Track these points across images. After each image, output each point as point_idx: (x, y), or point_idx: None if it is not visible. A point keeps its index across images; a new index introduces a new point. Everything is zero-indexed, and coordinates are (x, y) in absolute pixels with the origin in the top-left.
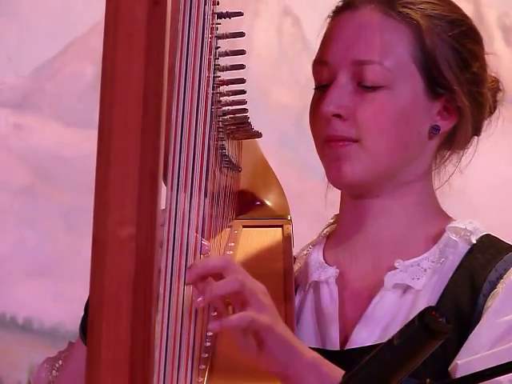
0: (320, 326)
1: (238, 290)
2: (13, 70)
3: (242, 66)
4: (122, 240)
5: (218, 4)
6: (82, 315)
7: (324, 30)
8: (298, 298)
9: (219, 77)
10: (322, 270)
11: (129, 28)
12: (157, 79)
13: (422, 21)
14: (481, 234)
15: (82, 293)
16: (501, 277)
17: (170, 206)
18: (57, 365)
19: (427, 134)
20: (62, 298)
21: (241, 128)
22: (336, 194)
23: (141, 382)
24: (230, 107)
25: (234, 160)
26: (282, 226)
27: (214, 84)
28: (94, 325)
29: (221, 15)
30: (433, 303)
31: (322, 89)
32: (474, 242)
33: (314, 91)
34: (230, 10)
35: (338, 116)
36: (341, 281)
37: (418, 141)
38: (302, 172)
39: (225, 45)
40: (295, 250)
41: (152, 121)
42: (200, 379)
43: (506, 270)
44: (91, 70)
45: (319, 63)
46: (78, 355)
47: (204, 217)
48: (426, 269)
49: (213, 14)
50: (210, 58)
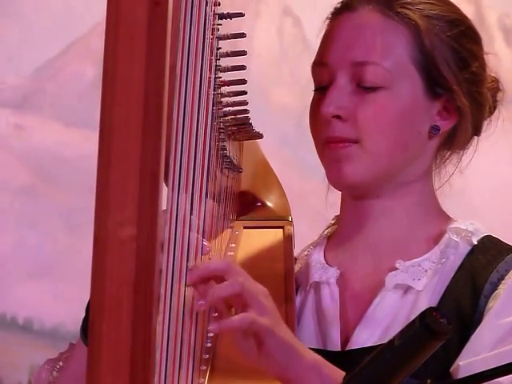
0: (321, 327)
1: (239, 292)
2: (14, 70)
3: (243, 67)
4: (123, 240)
5: (219, 5)
6: (84, 316)
7: (323, 32)
8: (298, 299)
9: (220, 77)
10: (322, 271)
11: (130, 29)
12: (158, 80)
13: (420, 21)
14: (482, 235)
15: (83, 293)
16: (502, 278)
17: (171, 206)
18: (57, 366)
19: (427, 134)
20: (62, 299)
21: (242, 129)
22: (337, 195)
23: (141, 383)
24: (231, 108)
25: (234, 161)
26: (282, 226)
27: (215, 85)
28: (95, 325)
29: (222, 16)
30: (434, 304)
31: (322, 90)
32: (475, 242)
33: (313, 93)
34: (231, 11)
35: (338, 117)
36: (342, 281)
37: (417, 141)
38: (303, 173)
39: (226, 45)
40: (296, 251)
41: (153, 121)
42: (201, 380)
43: (508, 271)
44: (92, 71)
45: (318, 65)
46: (79, 356)
47: (205, 218)
48: (426, 269)
49: (214, 14)
50: (211, 59)
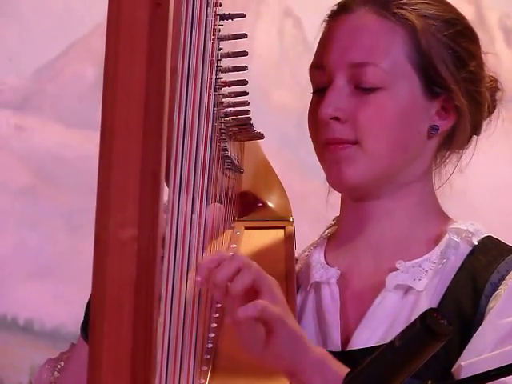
0: (321, 327)
1: (255, 278)
2: (14, 71)
3: (244, 68)
4: (124, 241)
5: (221, 6)
6: (84, 313)
7: (320, 34)
8: (299, 299)
9: (221, 78)
10: (323, 271)
11: (131, 30)
12: (159, 81)
13: (416, 21)
14: (482, 236)
15: (83, 294)
16: (503, 278)
17: (172, 207)
18: (58, 366)
19: (426, 134)
20: (63, 300)
21: (243, 129)
22: (337, 196)
23: None
24: (232, 109)
25: (236, 161)
26: (284, 227)
27: (216, 85)
28: (96, 326)
29: (223, 17)
30: (434, 304)
31: (320, 92)
32: (476, 243)
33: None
34: (232, 12)
35: (337, 119)
36: (342, 282)
37: (417, 141)
38: (303, 173)
39: (226, 46)
40: (297, 251)
41: (154, 122)
42: (202, 381)
43: (508, 272)
44: (92, 72)
45: (316, 67)
46: (80, 355)
47: (206, 218)
48: (427, 270)
49: (215, 15)
50: (212, 60)
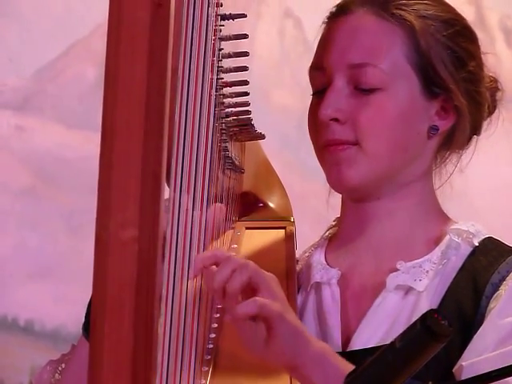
0: (322, 328)
1: (251, 277)
2: (14, 72)
3: (245, 68)
4: (125, 242)
5: (221, 6)
6: (86, 311)
7: (319, 36)
8: (299, 299)
9: (222, 78)
10: (324, 272)
11: (132, 30)
12: (160, 81)
13: (415, 22)
14: (483, 237)
15: (84, 295)
16: (503, 279)
17: (173, 207)
18: (60, 368)
19: (426, 134)
20: (63, 300)
21: (244, 130)
22: (338, 197)
23: None
24: (233, 109)
25: (236, 162)
26: (284, 227)
27: (216, 86)
28: (97, 326)
29: (224, 17)
30: (435, 305)
31: (320, 94)
32: (477, 244)
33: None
34: (233, 12)
35: (336, 120)
36: (343, 282)
37: (417, 141)
38: (304, 174)
39: (227, 47)
40: (297, 252)
41: (155, 122)
42: (202, 381)
43: (509, 272)
44: (93, 72)
45: (315, 69)
46: (81, 354)
47: (207, 218)
48: (427, 270)
49: (216, 15)
50: (212, 60)
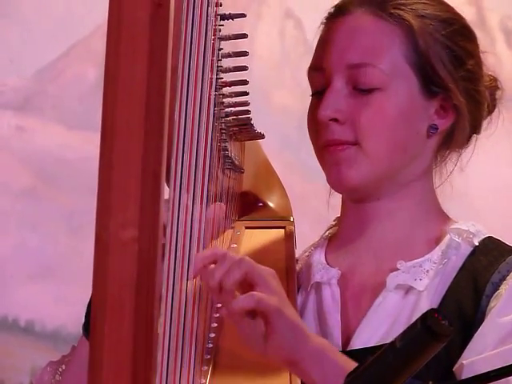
0: (322, 327)
1: (247, 272)
2: (15, 72)
3: (244, 68)
4: (125, 242)
5: (221, 6)
6: (86, 311)
7: (318, 37)
8: (299, 299)
9: (222, 78)
10: (324, 271)
11: (131, 30)
12: (160, 81)
13: (413, 21)
14: (483, 236)
15: (84, 295)
16: (504, 278)
17: (173, 207)
18: (60, 369)
19: (425, 133)
20: (63, 301)
21: (243, 129)
22: (338, 197)
23: None
24: (232, 109)
25: (236, 161)
26: (284, 227)
27: (216, 85)
28: (97, 327)
29: (223, 17)
30: (435, 304)
31: (319, 95)
32: (477, 244)
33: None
34: (233, 12)
35: (336, 120)
36: (343, 282)
37: (416, 141)
38: (304, 174)
39: (227, 46)
40: (297, 252)
41: (155, 122)
42: (202, 380)
43: (509, 272)
44: (93, 73)
45: (314, 69)
46: (81, 354)
47: (207, 218)
48: (428, 270)
49: (215, 15)
50: (212, 60)
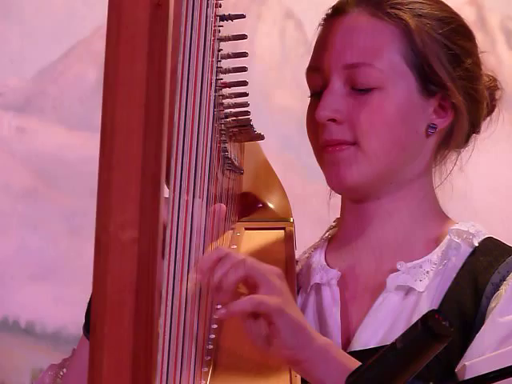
0: (322, 328)
1: (247, 272)
2: (15, 73)
3: (244, 69)
4: (124, 243)
5: (221, 6)
6: (86, 310)
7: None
8: (299, 300)
9: (221, 79)
10: (323, 272)
11: (131, 30)
12: (159, 82)
13: (410, 20)
14: (483, 237)
15: (85, 296)
16: (504, 279)
17: (173, 208)
18: (61, 372)
19: (424, 132)
20: (64, 302)
21: (243, 130)
22: (338, 198)
23: None
24: (232, 109)
25: (236, 162)
26: (284, 228)
27: (216, 86)
28: (97, 327)
29: (223, 17)
30: (435, 305)
31: (317, 96)
32: (477, 244)
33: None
34: (232, 13)
35: (334, 120)
36: (343, 283)
37: (415, 140)
38: (304, 175)
39: (227, 47)
40: (297, 253)
41: (154, 123)
42: (202, 381)
43: (509, 272)
44: (94, 73)
45: (312, 70)
46: (82, 354)
47: (206, 219)
48: (428, 271)
49: (215, 16)
50: (212, 61)
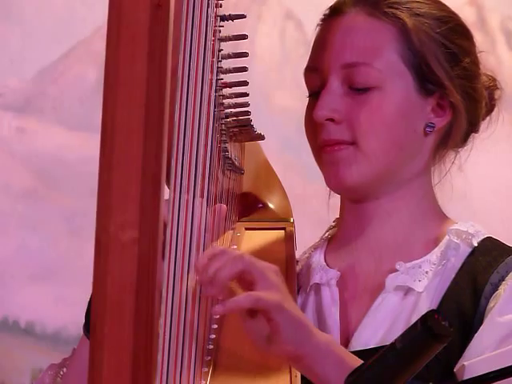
0: (321, 328)
1: (244, 268)
2: (15, 74)
3: (244, 69)
4: (125, 243)
5: (221, 7)
6: (86, 310)
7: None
8: (299, 301)
9: (222, 79)
10: (323, 273)
11: (131, 31)
12: (159, 82)
13: (407, 19)
14: (482, 237)
15: (85, 297)
16: (503, 279)
17: (173, 208)
18: (61, 372)
19: (422, 131)
20: (64, 302)
21: (243, 130)
22: (338, 198)
23: None
24: (232, 110)
25: (236, 162)
26: (284, 228)
27: (216, 86)
28: (97, 328)
29: (224, 18)
30: (434, 305)
31: (315, 96)
32: (476, 244)
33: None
34: (233, 13)
35: (332, 120)
36: (342, 283)
37: (413, 139)
38: (305, 175)
39: (227, 47)
40: (297, 253)
41: (155, 124)
42: (203, 382)
43: (508, 272)
44: (94, 74)
45: (310, 70)
46: (82, 355)
47: (207, 219)
48: (427, 271)
49: (215, 16)
50: (212, 61)
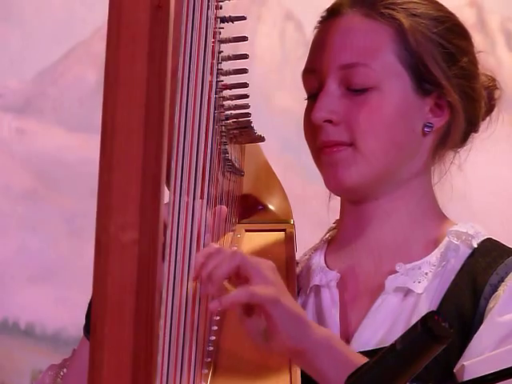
0: None
1: (239, 264)
2: (15, 75)
3: (244, 70)
4: (125, 244)
5: (221, 8)
6: (87, 311)
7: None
8: (299, 302)
9: (222, 81)
10: (323, 274)
11: (131, 32)
12: (159, 83)
13: (404, 20)
14: (482, 238)
15: (85, 298)
16: (502, 280)
17: (173, 209)
18: (61, 373)
19: (421, 131)
20: (64, 303)
21: (244, 132)
22: (338, 200)
23: None
24: (232, 111)
25: (236, 164)
26: (284, 230)
27: (216, 88)
28: (97, 328)
29: (224, 19)
30: (434, 307)
31: (313, 98)
32: (476, 246)
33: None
34: (233, 15)
35: (330, 121)
36: (342, 284)
37: (412, 139)
38: (305, 177)
39: (227, 49)
40: (297, 254)
41: (155, 125)
42: (203, 383)
43: (508, 274)
44: (93, 75)
45: (308, 72)
46: (82, 356)
47: (207, 221)
48: (427, 272)
49: (215, 18)
50: (212, 63)
